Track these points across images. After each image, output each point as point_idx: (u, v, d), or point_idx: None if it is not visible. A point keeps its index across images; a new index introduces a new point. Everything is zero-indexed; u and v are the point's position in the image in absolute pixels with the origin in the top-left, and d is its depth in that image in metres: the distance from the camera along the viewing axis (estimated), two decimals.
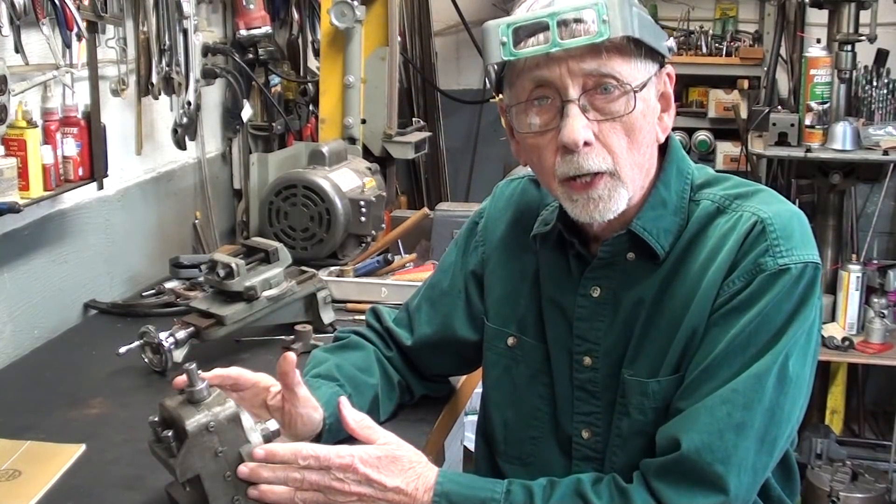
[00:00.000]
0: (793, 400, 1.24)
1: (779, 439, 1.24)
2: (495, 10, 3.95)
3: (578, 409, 1.37)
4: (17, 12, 1.80)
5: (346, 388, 1.48)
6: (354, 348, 1.58)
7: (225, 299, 1.86)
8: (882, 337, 3.36)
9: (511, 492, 1.25)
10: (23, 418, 1.63)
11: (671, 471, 1.22)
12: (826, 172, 3.46)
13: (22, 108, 1.90)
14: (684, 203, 1.32)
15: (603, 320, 1.34)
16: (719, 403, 1.21)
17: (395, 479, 1.24)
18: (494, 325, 1.48)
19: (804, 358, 1.25)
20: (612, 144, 1.24)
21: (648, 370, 1.29)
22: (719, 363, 1.23)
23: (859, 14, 3.28)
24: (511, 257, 1.48)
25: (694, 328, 1.25)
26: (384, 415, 1.54)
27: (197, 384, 1.23)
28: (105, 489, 1.41)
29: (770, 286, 1.22)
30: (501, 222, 1.52)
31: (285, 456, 1.23)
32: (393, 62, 2.77)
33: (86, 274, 2.25)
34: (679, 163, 1.35)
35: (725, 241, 1.26)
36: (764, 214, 1.25)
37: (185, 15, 2.40)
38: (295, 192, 2.36)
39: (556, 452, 1.40)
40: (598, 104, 1.23)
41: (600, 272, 1.35)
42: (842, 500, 3.25)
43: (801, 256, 1.23)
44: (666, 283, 1.29)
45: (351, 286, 2.23)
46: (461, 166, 4.28)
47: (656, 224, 1.30)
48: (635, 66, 1.24)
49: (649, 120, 1.27)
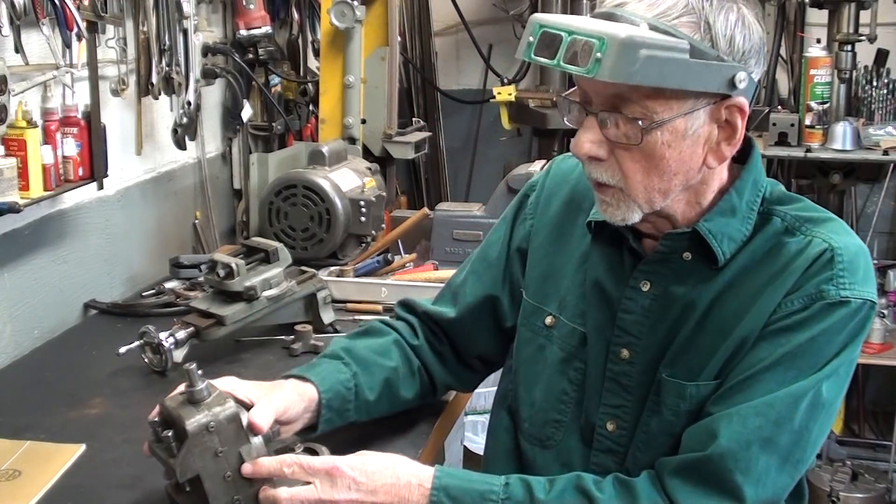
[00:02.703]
0: (821, 426, 1.24)
1: (801, 463, 1.24)
2: (495, 10, 3.95)
3: (606, 401, 1.36)
4: (17, 12, 1.80)
5: (352, 367, 1.47)
6: (373, 334, 1.57)
7: (225, 299, 1.86)
8: (882, 337, 3.36)
9: (510, 485, 1.25)
10: (23, 418, 1.63)
11: (690, 471, 1.22)
12: (826, 172, 3.46)
13: (22, 108, 1.90)
14: (753, 214, 1.31)
15: (649, 316, 1.33)
16: (752, 415, 1.21)
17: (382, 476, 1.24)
18: (534, 301, 1.47)
19: (840, 389, 1.25)
20: (625, 166, 1.24)
21: (688, 373, 1.28)
22: (760, 377, 1.22)
23: (859, 14, 3.28)
24: (560, 235, 1.47)
25: (744, 338, 1.25)
26: (405, 399, 1.52)
27: (197, 384, 1.23)
28: (105, 489, 1.41)
29: (827, 315, 1.22)
30: (557, 198, 1.50)
31: (271, 468, 1.23)
32: (393, 62, 2.78)
33: (86, 274, 2.25)
34: (757, 174, 1.34)
35: (792, 262, 1.26)
36: (835, 244, 1.25)
37: (185, 15, 2.41)
38: (295, 192, 2.36)
39: (576, 440, 1.39)
40: (620, 122, 1.22)
41: (654, 267, 1.34)
42: (842, 500, 3.25)
43: (861, 293, 1.23)
44: (722, 291, 1.29)
45: (351, 286, 2.23)
46: (461, 166, 4.27)
47: (722, 229, 1.29)
48: (666, 102, 1.20)
49: (683, 150, 1.23)
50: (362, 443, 1.46)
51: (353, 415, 1.46)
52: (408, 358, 1.54)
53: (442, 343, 1.58)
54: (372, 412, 1.50)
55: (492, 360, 1.61)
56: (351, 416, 1.46)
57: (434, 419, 1.62)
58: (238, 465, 1.23)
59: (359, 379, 1.46)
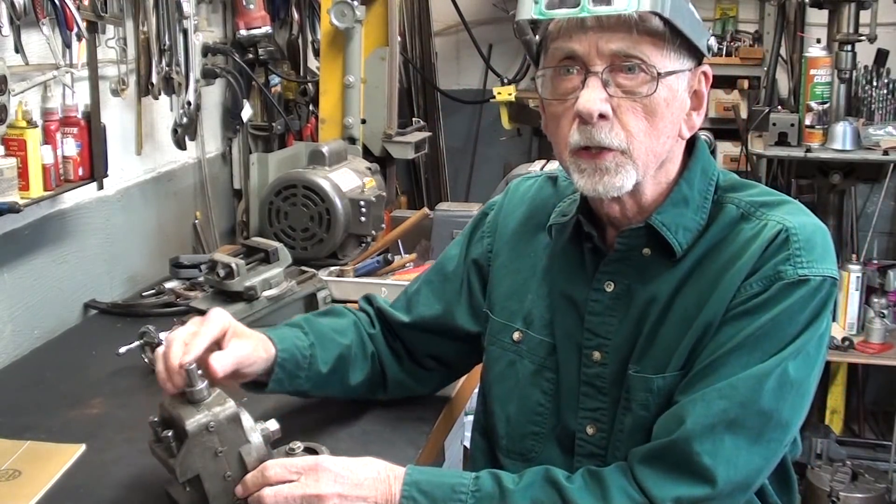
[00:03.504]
0: (793, 406, 1.23)
1: (773, 443, 1.24)
2: (495, 10, 3.95)
3: (584, 405, 1.37)
4: (17, 12, 1.80)
5: (310, 337, 1.48)
6: (333, 314, 1.60)
7: (225, 299, 1.86)
8: (882, 337, 3.36)
9: (480, 477, 1.25)
10: (23, 418, 1.63)
11: (658, 457, 1.22)
12: (826, 172, 3.46)
13: (22, 108, 1.90)
14: (707, 203, 1.32)
15: (615, 315, 1.34)
16: (716, 398, 1.21)
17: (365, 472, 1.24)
18: (500, 319, 1.48)
19: (810, 367, 1.25)
20: (629, 123, 1.24)
21: (655, 367, 1.29)
22: (723, 361, 1.23)
23: (859, 14, 3.28)
24: (521, 253, 1.48)
25: (706, 326, 1.26)
26: (354, 380, 1.53)
27: (196, 384, 1.23)
28: (105, 489, 1.41)
29: (786, 295, 1.22)
30: (514, 218, 1.52)
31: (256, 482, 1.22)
32: (393, 62, 2.77)
33: (86, 274, 2.25)
34: (704, 163, 1.35)
35: (748, 246, 1.26)
36: (789, 224, 1.26)
37: (185, 15, 2.41)
38: (295, 192, 2.36)
39: (556, 450, 1.39)
40: (621, 81, 1.23)
41: (615, 266, 1.35)
42: (842, 500, 3.25)
43: (820, 270, 1.24)
44: (682, 282, 1.29)
45: (351, 286, 2.24)
46: (461, 166, 4.28)
47: (676, 221, 1.30)
48: (666, 55, 1.24)
49: (673, 110, 1.27)
50: (363, 442, 1.47)
51: (303, 383, 1.47)
52: (363, 341, 1.56)
53: (395, 340, 1.60)
54: (322, 387, 1.51)
55: (449, 363, 1.62)
56: (302, 384, 1.47)
57: (434, 419, 1.62)
58: (238, 464, 1.23)
59: (315, 350, 1.47)
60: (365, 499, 1.22)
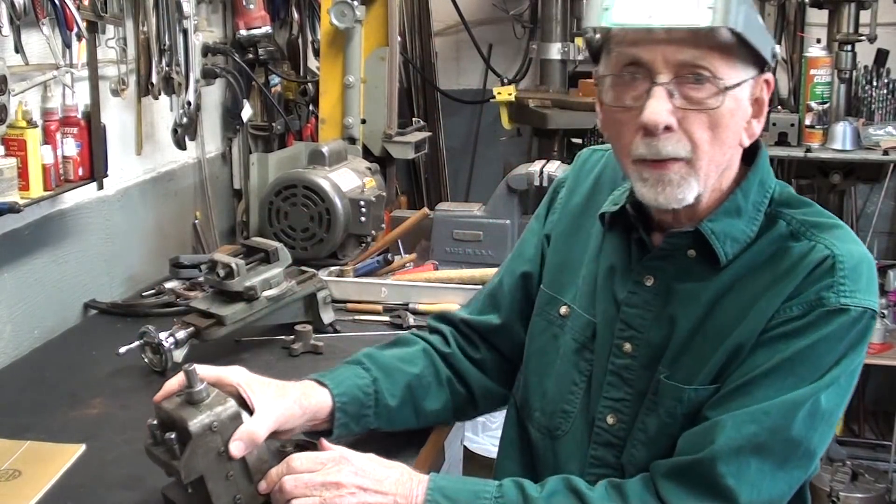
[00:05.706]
0: (821, 436, 1.23)
1: (798, 470, 1.23)
2: (495, 10, 3.95)
3: (608, 394, 1.36)
4: (17, 12, 1.79)
5: (372, 373, 1.45)
6: (400, 344, 1.56)
7: (225, 299, 1.86)
8: (882, 337, 3.36)
9: (503, 485, 1.26)
10: (23, 418, 1.63)
11: (682, 474, 1.21)
12: (826, 172, 3.46)
13: (22, 108, 1.90)
14: (759, 216, 1.30)
15: (651, 310, 1.33)
16: (748, 421, 1.20)
17: (388, 472, 1.25)
18: (549, 290, 1.47)
19: (841, 399, 1.24)
20: (694, 134, 1.22)
21: (686, 376, 1.28)
22: (758, 383, 1.22)
23: (859, 14, 3.28)
24: (580, 227, 1.47)
25: (741, 343, 1.24)
26: (431, 407, 1.50)
27: (196, 385, 1.23)
28: (105, 489, 1.41)
29: (826, 322, 1.21)
30: (580, 191, 1.50)
31: (281, 472, 1.23)
32: (393, 62, 2.77)
33: (86, 274, 2.25)
34: (763, 174, 1.33)
35: (794, 267, 1.24)
36: (837, 251, 1.24)
37: (185, 15, 2.40)
38: (295, 192, 2.36)
39: (579, 431, 1.39)
40: (687, 92, 1.21)
41: (657, 262, 1.33)
42: (842, 500, 3.25)
43: (862, 301, 1.22)
44: (722, 293, 1.28)
45: (351, 286, 2.23)
46: (461, 166, 4.27)
47: (725, 230, 1.28)
48: (733, 66, 1.21)
49: (737, 120, 1.24)
50: (364, 441, 1.46)
51: (373, 421, 1.44)
52: (435, 366, 1.52)
53: (478, 350, 1.56)
54: (395, 420, 1.48)
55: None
56: (371, 422, 1.44)
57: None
58: (240, 463, 1.23)
59: (379, 384, 1.44)
60: (384, 494, 1.23)
